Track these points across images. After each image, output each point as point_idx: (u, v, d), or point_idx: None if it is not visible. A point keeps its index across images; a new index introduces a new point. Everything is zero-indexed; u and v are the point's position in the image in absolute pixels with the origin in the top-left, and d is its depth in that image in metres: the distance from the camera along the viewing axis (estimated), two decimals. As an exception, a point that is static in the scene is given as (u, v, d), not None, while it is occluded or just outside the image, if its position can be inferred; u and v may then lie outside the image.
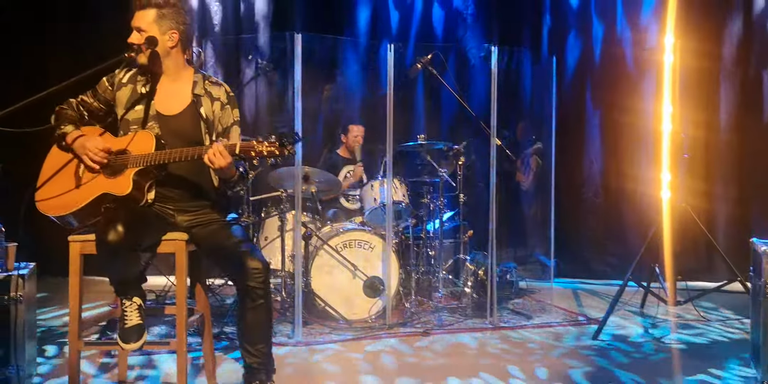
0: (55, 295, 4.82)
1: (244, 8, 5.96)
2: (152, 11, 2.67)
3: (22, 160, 3.48)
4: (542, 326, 4.27)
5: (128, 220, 2.43)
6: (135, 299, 2.54)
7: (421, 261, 4.99)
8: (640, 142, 5.73)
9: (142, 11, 2.68)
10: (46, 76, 5.28)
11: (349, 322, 4.20)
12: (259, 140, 2.43)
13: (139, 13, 2.68)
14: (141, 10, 2.68)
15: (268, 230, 4.68)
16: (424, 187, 5.01)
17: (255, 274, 2.63)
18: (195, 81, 2.79)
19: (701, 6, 5.61)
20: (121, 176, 2.56)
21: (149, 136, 2.60)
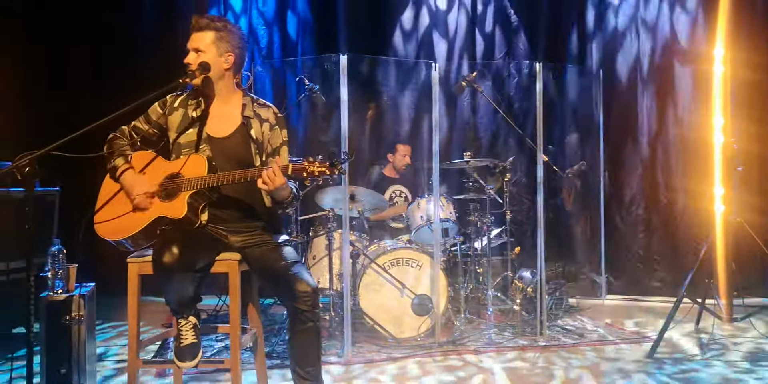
0: (113, 315, 4.95)
1: (291, 31, 6.10)
2: (211, 33, 2.76)
3: (80, 182, 3.61)
4: (594, 344, 4.20)
5: (183, 242, 2.50)
6: (190, 318, 2.61)
7: (469, 278, 4.97)
8: (691, 155, 5.62)
9: (200, 33, 2.76)
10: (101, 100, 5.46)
11: (398, 340, 4.20)
12: (310, 160, 2.49)
13: (198, 34, 2.77)
14: (199, 32, 2.77)
15: (316, 249, 4.74)
16: (470, 205, 5.01)
17: (304, 297, 2.65)
18: (244, 103, 2.86)
19: (751, 17, 5.51)
20: (175, 199, 2.63)
21: (201, 159, 2.68)
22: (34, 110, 5.18)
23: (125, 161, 2.76)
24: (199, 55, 2.75)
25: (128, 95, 2.65)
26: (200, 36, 2.77)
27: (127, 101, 2.59)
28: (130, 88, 3.09)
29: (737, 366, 3.69)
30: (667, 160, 5.84)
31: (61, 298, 2.91)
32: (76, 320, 2.85)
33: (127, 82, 5.50)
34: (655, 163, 5.90)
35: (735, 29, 4.92)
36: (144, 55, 5.82)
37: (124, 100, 2.60)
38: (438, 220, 4.41)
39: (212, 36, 2.76)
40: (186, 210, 2.59)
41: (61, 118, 4.98)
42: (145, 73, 5.32)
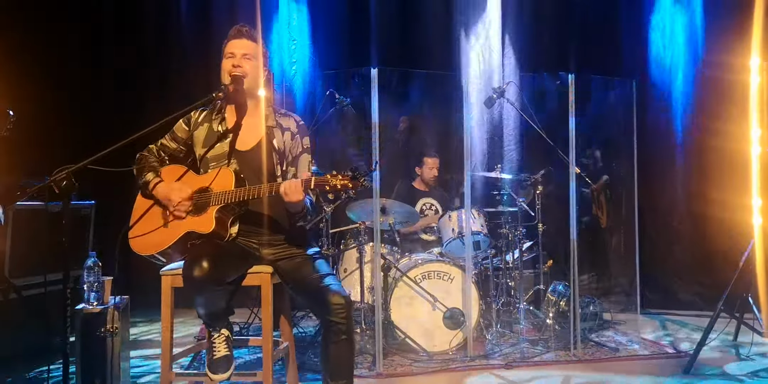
0: (147, 327, 5.01)
1: (321, 45, 6.16)
2: (258, 45, 2.81)
3: (117, 196, 3.66)
4: (630, 359, 4.13)
5: (213, 255, 2.52)
6: (223, 331, 2.63)
7: (501, 292, 4.93)
8: (727, 166, 5.51)
9: (250, 42, 2.80)
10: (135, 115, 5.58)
11: (430, 354, 4.18)
12: (333, 174, 2.49)
13: (248, 42, 2.79)
14: (250, 41, 2.79)
15: (347, 262, 4.74)
16: (502, 217, 4.98)
17: (337, 309, 2.64)
18: (266, 114, 2.89)
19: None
20: (204, 214, 2.66)
21: (229, 173, 2.71)
22: (71, 125, 5.30)
23: (156, 175, 2.80)
24: (248, 61, 2.77)
25: (165, 109, 2.69)
26: (250, 44, 2.80)
27: (164, 116, 2.63)
28: (167, 103, 3.14)
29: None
30: (703, 172, 5.74)
31: (96, 310, 2.96)
32: (110, 332, 2.89)
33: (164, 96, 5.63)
34: (690, 175, 5.80)
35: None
36: (181, 72, 5.93)
37: (161, 114, 2.64)
38: (470, 232, 4.39)
39: (259, 48, 2.82)
40: (214, 224, 2.62)
41: (98, 132, 5.09)
42: (181, 88, 5.42)
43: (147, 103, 5.81)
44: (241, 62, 2.76)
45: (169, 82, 5.92)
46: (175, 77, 5.92)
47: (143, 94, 5.90)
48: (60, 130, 5.06)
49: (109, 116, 5.59)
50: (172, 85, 5.89)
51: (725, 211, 5.49)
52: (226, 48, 2.82)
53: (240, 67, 2.75)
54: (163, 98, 5.80)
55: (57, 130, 5.02)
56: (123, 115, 5.51)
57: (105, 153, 2.40)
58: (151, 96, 5.89)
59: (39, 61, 5.01)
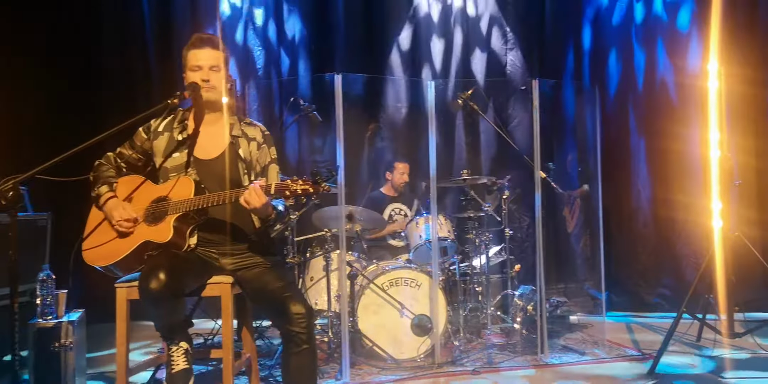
0: (103, 340, 4.89)
1: (286, 51, 6.11)
2: (222, 54, 2.75)
3: (75, 207, 3.57)
4: (596, 362, 4.14)
5: (171, 266, 2.47)
6: (181, 344, 2.56)
7: (469, 297, 4.92)
8: (689, 169, 5.60)
9: (214, 51, 2.73)
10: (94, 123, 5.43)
11: (398, 361, 4.15)
12: (294, 179, 2.46)
13: (212, 52, 2.73)
14: (214, 50, 2.73)
15: (314, 270, 4.70)
16: (469, 223, 4.98)
17: (298, 319, 2.60)
18: (231, 123, 2.84)
19: (744, 32, 5.53)
20: (161, 223, 2.61)
21: (188, 182, 2.66)
22: (26, 133, 5.15)
23: (109, 189, 2.74)
24: (216, 74, 2.72)
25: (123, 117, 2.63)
26: (215, 54, 2.74)
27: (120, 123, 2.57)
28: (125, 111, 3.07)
29: (737, 382, 3.64)
30: (666, 176, 5.82)
31: (50, 324, 2.88)
32: (65, 347, 2.81)
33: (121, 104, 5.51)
34: (653, 179, 5.88)
35: (728, 44, 4.92)
36: (139, 78, 5.82)
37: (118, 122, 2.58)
38: (436, 238, 4.37)
39: (223, 56, 2.76)
40: (172, 234, 2.57)
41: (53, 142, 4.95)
42: (138, 96, 5.32)
43: (106, 108, 5.65)
44: (209, 75, 2.72)
45: (130, 86, 5.80)
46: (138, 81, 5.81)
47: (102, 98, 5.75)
48: (9, 137, 4.90)
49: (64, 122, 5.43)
50: (134, 89, 5.77)
51: (688, 214, 5.57)
52: (190, 59, 2.75)
53: (209, 82, 2.71)
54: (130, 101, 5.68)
55: (6, 136, 4.86)
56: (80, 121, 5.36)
57: (55, 162, 2.33)
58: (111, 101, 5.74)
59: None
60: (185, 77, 2.76)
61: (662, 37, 5.86)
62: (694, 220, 5.34)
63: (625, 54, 5.99)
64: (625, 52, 5.99)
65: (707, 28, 5.15)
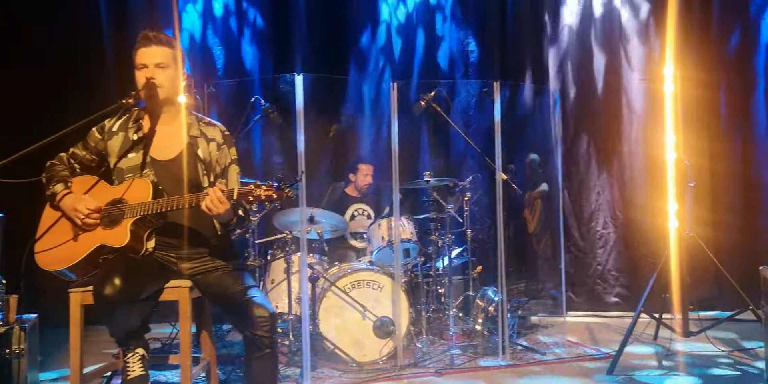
0: (57, 346, 4.76)
1: (247, 51, 6.05)
2: (171, 50, 2.68)
3: (24, 209, 3.47)
4: (556, 362, 4.18)
5: (126, 271, 2.41)
6: (138, 350, 2.51)
7: (431, 299, 4.93)
8: (646, 171, 5.70)
9: (161, 48, 2.67)
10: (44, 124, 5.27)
11: (360, 364, 4.13)
12: (258, 184, 2.42)
13: (159, 49, 2.66)
14: (160, 47, 2.67)
15: (275, 273, 4.65)
16: (431, 224, 4.98)
17: (261, 322, 2.58)
18: (189, 123, 2.79)
19: (698, 37, 5.66)
20: (118, 227, 2.55)
21: (146, 184, 2.60)
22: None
23: (65, 186, 2.67)
24: (163, 71, 2.66)
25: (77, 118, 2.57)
26: (162, 51, 2.67)
27: (73, 124, 2.50)
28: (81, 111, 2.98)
29: (692, 380, 3.71)
30: (624, 178, 5.92)
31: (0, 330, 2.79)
32: (16, 354, 2.72)
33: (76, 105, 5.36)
34: (612, 181, 5.97)
35: (683, 49, 5.03)
36: (95, 78, 5.69)
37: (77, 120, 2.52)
38: (399, 240, 4.37)
39: (173, 53, 2.69)
40: (129, 238, 2.51)
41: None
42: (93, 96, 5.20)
43: (58, 108, 5.50)
44: (154, 73, 2.65)
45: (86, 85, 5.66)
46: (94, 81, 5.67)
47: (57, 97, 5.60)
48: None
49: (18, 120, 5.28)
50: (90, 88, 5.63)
51: (645, 215, 5.67)
52: (137, 58, 2.69)
53: (155, 80, 2.64)
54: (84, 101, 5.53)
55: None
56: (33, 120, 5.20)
57: (4, 163, 2.25)
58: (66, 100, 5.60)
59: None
60: (135, 78, 2.70)
61: (621, 41, 5.95)
62: (651, 220, 5.44)
63: (585, 57, 6.07)
64: (585, 54, 6.07)
65: (664, 32, 5.25)
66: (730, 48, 5.73)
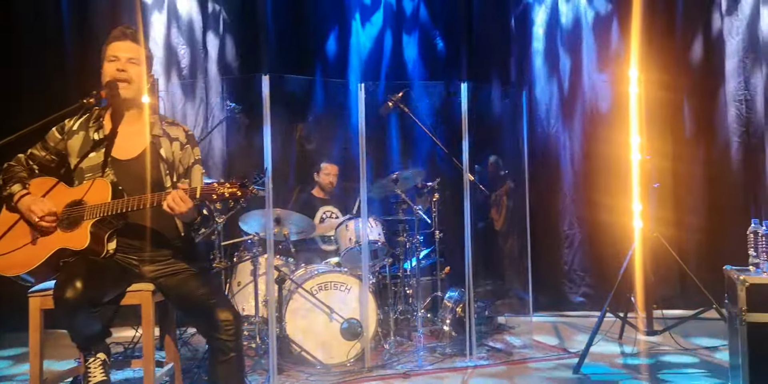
0: (16, 351, 4.65)
1: (213, 51, 5.97)
2: (143, 48, 2.65)
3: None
4: (523, 362, 4.21)
5: (87, 274, 2.36)
6: (99, 355, 2.46)
7: (399, 300, 4.92)
8: (611, 172, 5.76)
9: (135, 44, 2.64)
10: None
11: (327, 366, 4.10)
12: (221, 182, 2.39)
13: (132, 44, 2.64)
14: (134, 43, 2.64)
15: (241, 275, 4.60)
16: (399, 225, 4.97)
17: (225, 326, 2.54)
18: (152, 122, 2.74)
19: (661, 40, 5.75)
20: (78, 229, 2.49)
21: (105, 184, 2.55)
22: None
23: (22, 187, 2.60)
24: (133, 66, 2.62)
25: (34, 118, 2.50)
26: (135, 48, 2.65)
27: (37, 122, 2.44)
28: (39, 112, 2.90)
29: (657, 378, 3.76)
30: (590, 178, 5.98)
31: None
32: (-28, 361, 2.64)
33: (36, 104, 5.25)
34: (578, 181, 6.03)
35: (647, 51, 5.10)
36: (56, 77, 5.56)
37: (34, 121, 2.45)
38: (366, 241, 4.35)
39: (144, 51, 2.67)
40: (89, 240, 2.45)
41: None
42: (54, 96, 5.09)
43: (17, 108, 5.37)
44: (126, 66, 2.61)
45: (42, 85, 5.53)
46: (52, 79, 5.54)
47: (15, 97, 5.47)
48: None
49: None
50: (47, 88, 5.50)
51: (611, 215, 5.73)
52: (108, 50, 2.65)
53: (125, 72, 2.60)
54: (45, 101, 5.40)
55: None
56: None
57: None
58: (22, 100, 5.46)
59: None
60: (102, 72, 2.65)
61: (587, 43, 6.01)
62: (616, 221, 5.50)
63: (552, 58, 6.12)
64: (552, 56, 6.12)
65: (628, 34, 5.32)
66: (693, 52, 5.82)
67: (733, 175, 5.71)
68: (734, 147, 5.73)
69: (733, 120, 5.73)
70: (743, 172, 5.71)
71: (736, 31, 5.68)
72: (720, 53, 5.76)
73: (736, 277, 3.16)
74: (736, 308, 3.14)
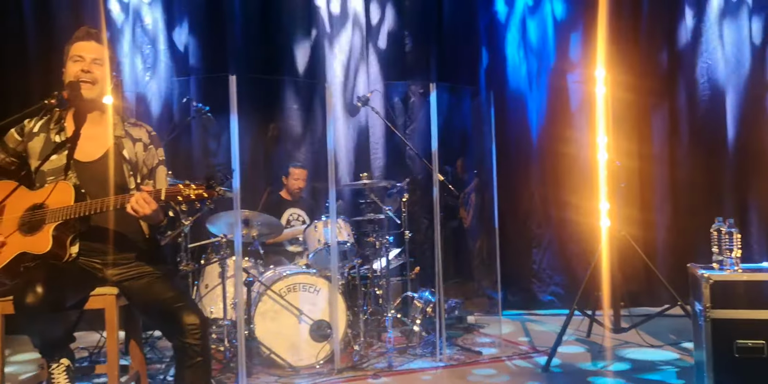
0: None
1: (179, 50, 5.88)
2: (101, 47, 2.61)
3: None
4: (493, 361, 4.22)
5: (49, 279, 2.30)
6: (62, 361, 2.41)
7: (369, 301, 4.91)
8: (579, 172, 5.82)
9: (98, 44, 2.61)
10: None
11: (296, 368, 4.07)
12: (186, 183, 2.35)
13: (96, 45, 2.60)
14: (98, 43, 2.60)
15: (209, 278, 4.55)
16: (369, 226, 4.96)
17: (192, 330, 2.49)
18: (114, 123, 2.70)
19: (626, 41, 5.83)
20: (39, 233, 2.43)
21: (68, 187, 2.49)
22: None
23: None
24: (98, 67, 2.58)
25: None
26: (99, 49, 2.61)
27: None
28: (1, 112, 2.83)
29: (625, 375, 3.80)
30: (559, 178, 6.02)
31: None
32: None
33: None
34: (547, 181, 6.07)
35: (613, 52, 5.16)
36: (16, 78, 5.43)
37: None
38: (335, 242, 4.33)
39: (108, 52, 2.62)
40: (51, 244, 2.39)
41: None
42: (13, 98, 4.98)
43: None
44: (91, 67, 2.57)
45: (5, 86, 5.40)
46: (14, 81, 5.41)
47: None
48: None
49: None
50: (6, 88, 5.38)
51: (578, 214, 5.79)
52: (72, 50, 2.60)
53: (90, 73, 2.56)
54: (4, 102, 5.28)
55: None
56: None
57: None
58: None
59: None
60: (64, 72, 2.61)
61: (555, 44, 6.07)
62: (584, 220, 5.55)
63: (519, 59, 6.16)
64: (519, 57, 6.16)
65: (595, 37, 5.38)
66: (658, 54, 5.92)
67: (697, 175, 5.81)
68: (698, 147, 5.84)
69: (697, 120, 5.83)
70: (707, 171, 5.82)
71: (700, 34, 5.79)
72: (684, 56, 5.86)
73: (700, 274, 3.21)
74: (701, 305, 3.19)
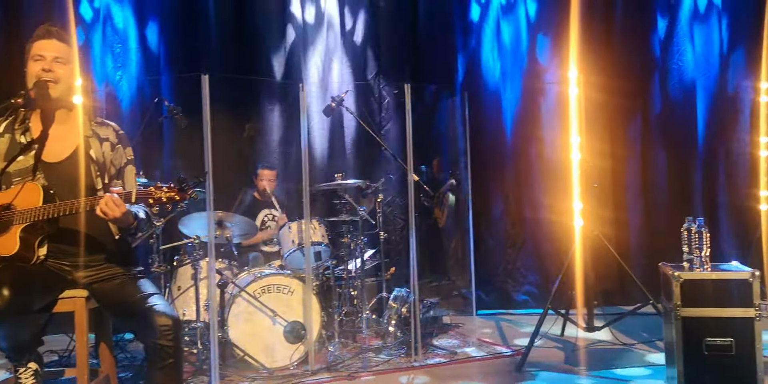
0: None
1: (151, 49, 5.81)
2: (64, 45, 2.56)
3: None
4: (467, 361, 4.24)
5: (16, 282, 2.26)
6: (30, 365, 2.38)
7: (344, 302, 4.89)
8: (552, 172, 5.86)
9: (61, 43, 2.56)
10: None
11: (270, 370, 4.04)
12: (158, 186, 2.32)
13: (58, 43, 2.56)
14: (60, 42, 2.56)
15: (181, 279, 4.50)
16: (343, 227, 4.95)
17: (164, 331, 2.45)
18: (81, 122, 2.66)
19: (598, 42, 5.89)
20: (6, 234, 2.39)
21: (36, 188, 2.45)
22: None
23: None
24: (61, 66, 2.53)
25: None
26: (62, 47, 2.55)
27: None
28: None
29: (598, 372, 3.84)
30: (532, 178, 6.06)
31: None
32: None
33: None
34: (521, 181, 6.11)
35: (586, 53, 5.21)
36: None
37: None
38: (309, 243, 4.31)
39: (71, 51, 2.57)
40: (18, 246, 2.35)
41: None
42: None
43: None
44: (52, 66, 2.52)
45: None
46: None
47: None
48: None
49: None
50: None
51: (553, 214, 5.83)
52: (33, 49, 2.55)
53: (51, 72, 2.51)
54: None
55: None
56: None
57: None
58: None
59: None
60: (26, 71, 2.56)
61: (528, 46, 6.11)
62: (557, 220, 5.60)
63: (493, 60, 6.19)
64: (494, 58, 6.19)
65: (568, 37, 5.42)
66: (630, 54, 5.99)
67: (668, 175, 5.90)
68: (669, 147, 5.92)
69: (668, 121, 5.91)
70: (678, 171, 5.90)
71: (671, 36, 5.87)
72: (655, 57, 5.94)
73: (671, 273, 3.25)
74: (671, 303, 3.23)
